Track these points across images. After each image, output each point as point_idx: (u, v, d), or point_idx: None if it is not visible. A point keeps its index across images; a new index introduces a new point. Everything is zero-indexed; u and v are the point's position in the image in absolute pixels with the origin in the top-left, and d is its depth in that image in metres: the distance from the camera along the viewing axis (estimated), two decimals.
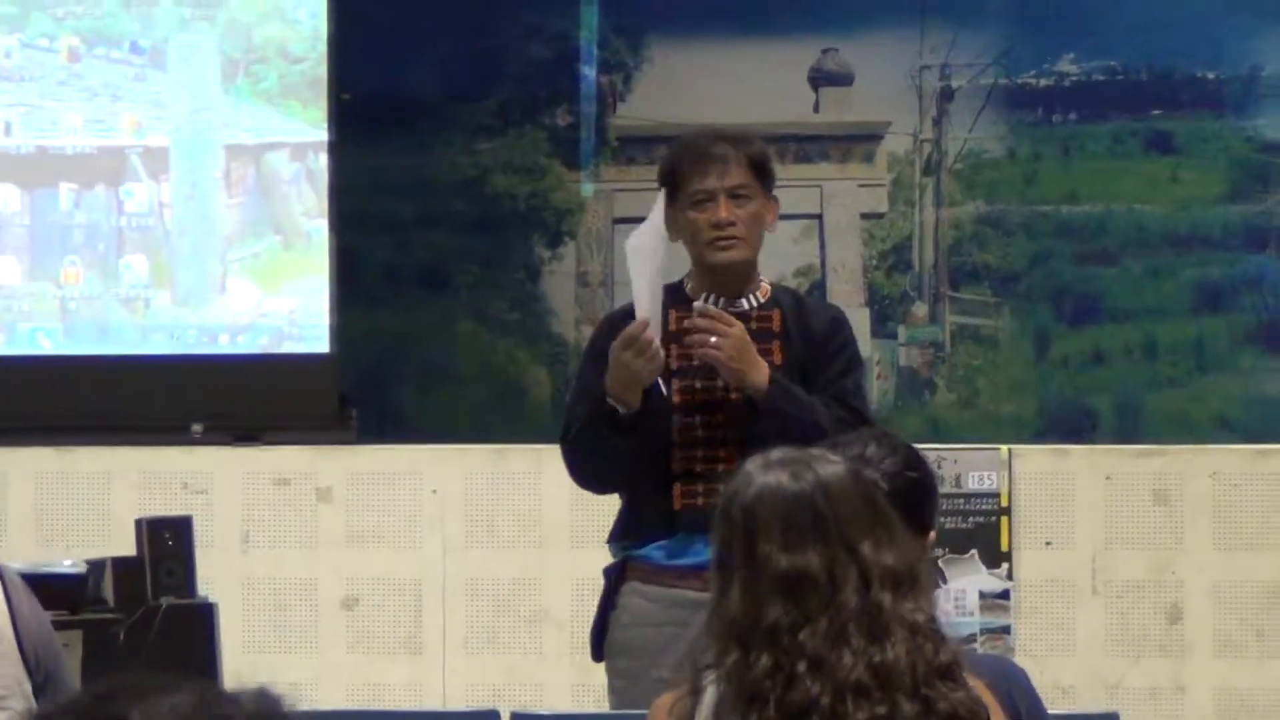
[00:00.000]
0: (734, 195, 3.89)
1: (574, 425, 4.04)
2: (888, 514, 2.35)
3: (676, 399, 3.90)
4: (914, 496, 2.68)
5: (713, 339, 3.81)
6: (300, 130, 6.36)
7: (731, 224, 3.86)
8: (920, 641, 2.27)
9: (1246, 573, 5.74)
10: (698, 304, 3.86)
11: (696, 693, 2.33)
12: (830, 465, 2.36)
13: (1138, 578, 5.77)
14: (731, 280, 3.91)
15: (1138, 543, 5.82)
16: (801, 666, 2.20)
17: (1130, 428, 6.48)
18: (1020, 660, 3.94)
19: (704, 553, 3.48)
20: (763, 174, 3.98)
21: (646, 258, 3.93)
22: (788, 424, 3.60)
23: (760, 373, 3.89)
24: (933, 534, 2.78)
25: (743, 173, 3.92)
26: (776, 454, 2.37)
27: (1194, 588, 5.76)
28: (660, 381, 3.86)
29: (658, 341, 3.82)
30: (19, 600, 3.07)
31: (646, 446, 3.92)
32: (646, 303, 3.86)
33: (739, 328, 3.90)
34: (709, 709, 2.30)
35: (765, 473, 2.34)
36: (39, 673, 3.15)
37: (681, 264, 4.07)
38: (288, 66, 6.34)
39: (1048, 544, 5.88)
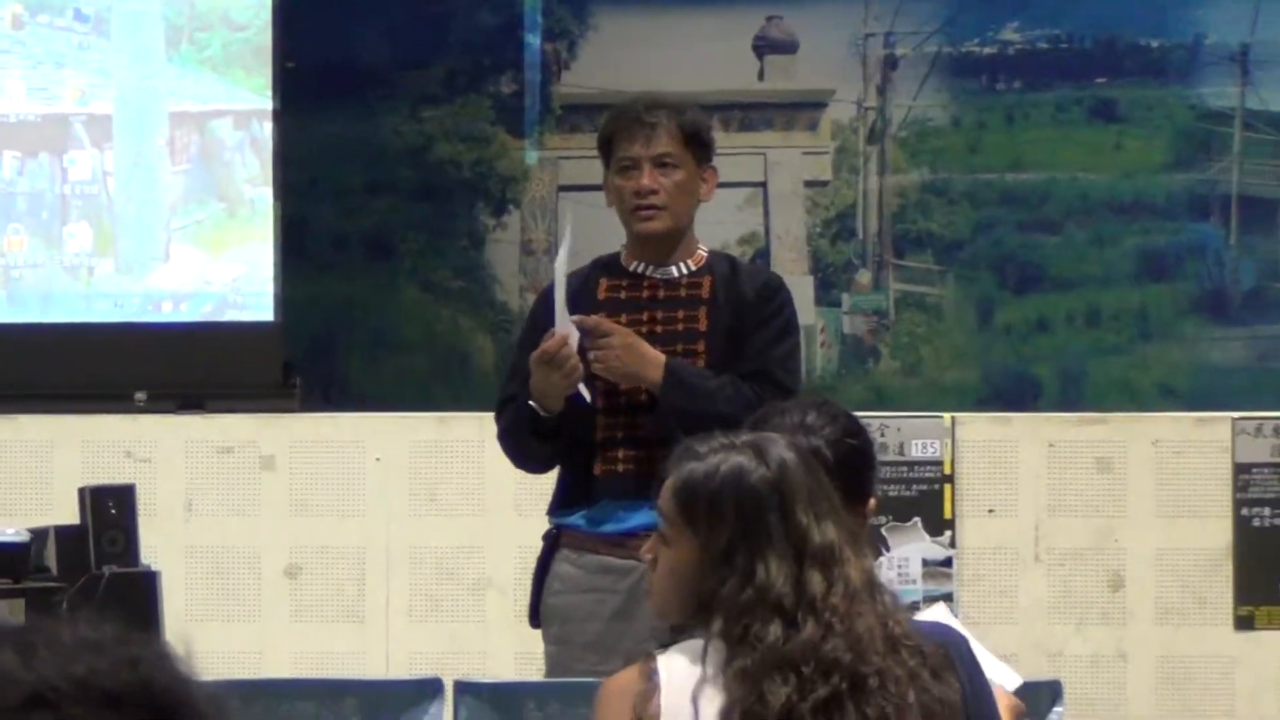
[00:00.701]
0: (660, 164, 3.97)
1: (505, 402, 4.16)
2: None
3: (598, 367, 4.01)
4: (854, 464, 2.77)
5: (591, 355, 3.92)
6: (244, 97, 6.42)
7: (653, 192, 3.95)
8: (888, 596, 2.49)
9: (1188, 540, 5.86)
10: (576, 317, 3.98)
11: (652, 674, 2.41)
12: (781, 445, 2.52)
13: (1080, 545, 5.87)
14: (659, 249, 4.02)
15: (1080, 510, 5.91)
16: (837, 628, 2.36)
17: (1073, 395, 6.57)
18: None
19: (625, 520, 3.88)
20: (695, 142, 4.04)
21: (564, 277, 4.06)
22: (687, 416, 3.72)
23: (653, 369, 4.04)
24: (873, 501, 2.87)
25: (671, 141, 3.98)
26: (727, 438, 2.53)
27: (1136, 555, 5.87)
28: (582, 387, 3.98)
29: (576, 358, 3.93)
30: None
31: (569, 442, 4.07)
32: (564, 318, 3.97)
33: (618, 335, 4.05)
34: (679, 687, 2.40)
35: (773, 448, 2.47)
36: None
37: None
38: (231, 34, 6.37)
39: (990, 511, 5.96)
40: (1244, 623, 5.73)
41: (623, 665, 2.76)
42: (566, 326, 3.90)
